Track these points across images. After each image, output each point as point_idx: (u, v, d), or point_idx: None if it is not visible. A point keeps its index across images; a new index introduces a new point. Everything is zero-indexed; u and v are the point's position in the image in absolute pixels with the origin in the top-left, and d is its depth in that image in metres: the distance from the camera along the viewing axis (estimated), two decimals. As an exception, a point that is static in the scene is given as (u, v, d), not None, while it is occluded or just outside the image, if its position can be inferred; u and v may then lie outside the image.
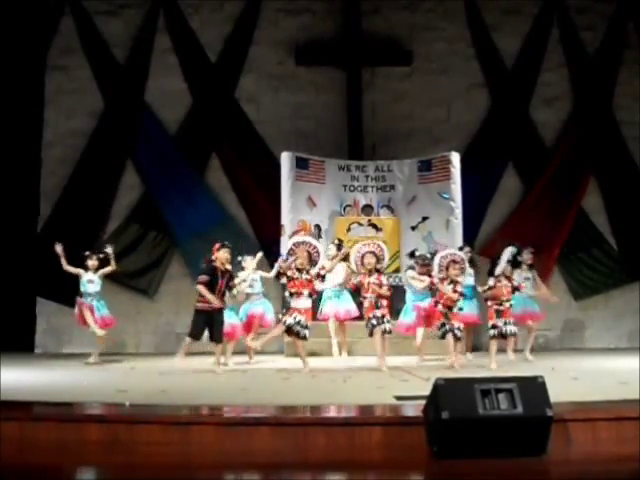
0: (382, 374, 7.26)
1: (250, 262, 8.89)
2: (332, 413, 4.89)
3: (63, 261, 8.89)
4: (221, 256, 7.90)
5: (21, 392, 5.89)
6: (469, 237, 10.39)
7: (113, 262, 8.98)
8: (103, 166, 11.26)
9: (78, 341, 10.67)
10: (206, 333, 7.90)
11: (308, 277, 7.57)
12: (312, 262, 7.67)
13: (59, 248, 8.88)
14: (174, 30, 11.66)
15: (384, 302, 7.83)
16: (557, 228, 11.34)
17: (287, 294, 7.66)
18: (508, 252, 7.95)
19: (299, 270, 7.59)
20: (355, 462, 4.22)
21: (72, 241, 10.76)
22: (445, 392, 4.15)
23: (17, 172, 11.10)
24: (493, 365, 7.59)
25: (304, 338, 7.56)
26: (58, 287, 10.59)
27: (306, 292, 7.52)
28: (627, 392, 5.32)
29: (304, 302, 7.52)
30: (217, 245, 8.00)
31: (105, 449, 4.38)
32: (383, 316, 7.74)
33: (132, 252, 11.18)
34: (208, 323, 7.81)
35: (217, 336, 7.83)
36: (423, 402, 4.32)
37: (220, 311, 7.89)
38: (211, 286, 7.78)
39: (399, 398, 5.26)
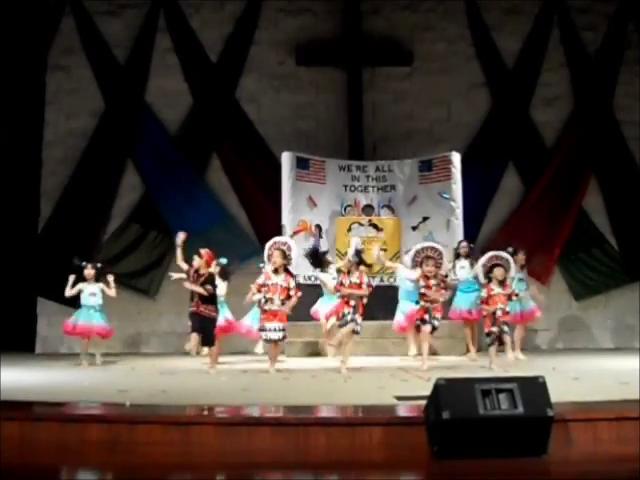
0: (382, 374, 7.24)
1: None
2: (332, 413, 4.89)
3: (68, 287, 8.80)
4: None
5: (21, 392, 5.88)
6: (469, 237, 10.36)
7: (113, 290, 8.91)
8: (103, 166, 11.26)
9: (78, 341, 10.66)
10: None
11: (284, 284, 7.54)
12: (286, 258, 7.68)
13: (71, 278, 8.80)
14: (174, 30, 11.66)
15: (360, 302, 7.66)
16: (557, 228, 11.34)
17: (261, 298, 7.65)
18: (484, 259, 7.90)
19: (275, 271, 7.60)
20: (355, 462, 4.21)
21: (73, 241, 10.84)
22: (446, 392, 4.15)
23: (17, 172, 11.11)
24: (494, 366, 7.56)
25: (283, 339, 7.62)
26: (59, 287, 10.57)
27: (277, 299, 7.48)
28: (628, 392, 5.32)
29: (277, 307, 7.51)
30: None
31: (105, 449, 4.37)
32: (355, 320, 7.58)
33: (132, 252, 11.20)
34: (201, 326, 7.76)
35: (207, 341, 7.78)
36: (424, 402, 4.31)
37: (210, 319, 7.81)
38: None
39: (399, 398, 5.25)
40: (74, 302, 10.41)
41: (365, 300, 7.65)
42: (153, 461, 4.29)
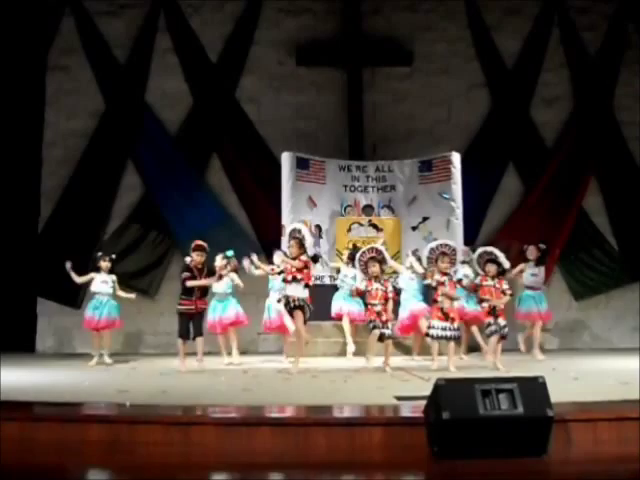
0: (383, 374, 7.24)
1: (278, 258, 8.87)
2: (332, 413, 4.88)
3: (74, 276, 8.91)
4: (195, 258, 8.01)
5: (21, 392, 5.88)
6: (470, 237, 10.38)
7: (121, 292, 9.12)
8: (104, 166, 11.27)
9: (79, 341, 10.68)
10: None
11: (298, 265, 7.57)
12: (302, 248, 7.69)
13: (68, 265, 8.88)
14: (174, 30, 11.67)
15: (389, 307, 7.73)
16: (557, 228, 11.33)
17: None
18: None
19: (293, 259, 7.66)
20: (355, 462, 4.21)
21: (73, 241, 10.84)
22: (446, 392, 4.14)
23: (17, 172, 11.11)
24: (499, 365, 7.54)
25: (309, 311, 7.62)
26: (59, 287, 10.60)
27: (299, 277, 7.53)
28: (628, 392, 5.32)
29: (301, 291, 7.53)
30: (193, 245, 8.10)
31: (106, 449, 4.37)
32: (387, 321, 7.66)
33: (133, 252, 11.20)
34: (189, 322, 7.93)
35: (196, 332, 7.93)
36: (424, 402, 4.31)
37: (200, 313, 8.03)
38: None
39: (399, 398, 5.25)
40: (74, 302, 10.46)
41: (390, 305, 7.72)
42: (153, 461, 4.29)
